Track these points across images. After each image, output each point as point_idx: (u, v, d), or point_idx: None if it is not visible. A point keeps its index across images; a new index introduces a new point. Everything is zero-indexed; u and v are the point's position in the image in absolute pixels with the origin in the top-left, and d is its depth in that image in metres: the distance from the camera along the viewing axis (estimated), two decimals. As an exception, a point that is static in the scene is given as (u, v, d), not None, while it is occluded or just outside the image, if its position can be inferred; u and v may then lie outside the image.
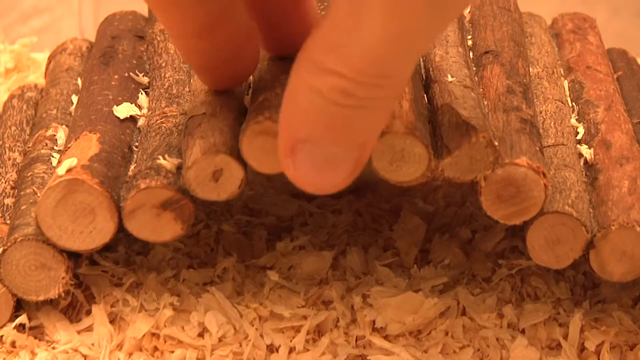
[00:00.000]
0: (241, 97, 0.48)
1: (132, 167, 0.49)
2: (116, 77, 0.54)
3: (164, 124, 0.49)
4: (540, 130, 0.50)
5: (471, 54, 0.54)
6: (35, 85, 0.60)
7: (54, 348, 0.49)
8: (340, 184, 0.41)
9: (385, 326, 0.50)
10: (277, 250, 0.55)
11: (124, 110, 0.52)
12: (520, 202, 0.46)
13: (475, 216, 0.57)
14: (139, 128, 0.51)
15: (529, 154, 0.46)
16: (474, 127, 0.45)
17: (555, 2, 0.62)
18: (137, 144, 0.50)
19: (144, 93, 0.53)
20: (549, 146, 0.50)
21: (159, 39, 0.56)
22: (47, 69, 0.60)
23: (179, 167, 0.47)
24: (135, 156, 0.50)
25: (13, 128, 0.56)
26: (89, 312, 0.51)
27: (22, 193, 0.50)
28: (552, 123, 0.52)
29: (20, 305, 0.51)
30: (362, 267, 0.54)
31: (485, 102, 0.49)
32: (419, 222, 0.56)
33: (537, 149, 0.47)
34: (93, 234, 0.47)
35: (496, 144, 0.45)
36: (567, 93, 0.55)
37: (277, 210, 0.58)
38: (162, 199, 0.46)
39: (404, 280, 0.53)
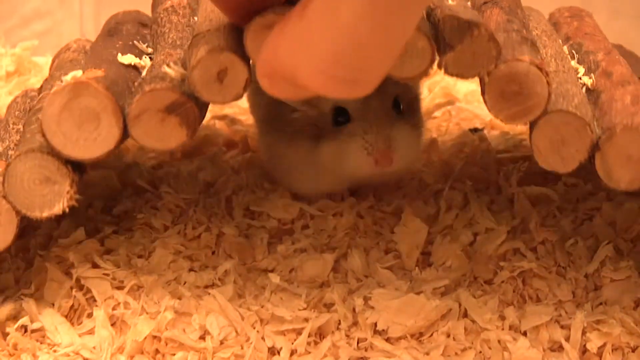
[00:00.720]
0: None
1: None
2: (120, 42, 0.53)
3: (168, 59, 0.49)
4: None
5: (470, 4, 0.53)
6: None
7: (55, 351, 0.49)
8: None
9: (387, 328, 0.50)
10: (278, 253, 0.55)
11: (127, 58, 0.51)
12: (524, 100, 0.46)
13: (477, 219, 0.57)
14: (143, 78, 0.51)
15: (531, 55, 0.46)
16: (476, 22, 0.45)
17: (554, 3, 0.62)
18: None
19: (147, 57, 0.53)
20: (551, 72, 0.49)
21: (162, 16, 0.55)
22: (51, 68, 0.60)
23: (184, 78, 0.46)
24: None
25: (17, 112, 0.56)
26: (90, 315, 0.51)
27: (27, 129, 0.50)
28: (553, 60, 0.51)
29: (21, 308, 0.51)
30: (364, 270, 0.54)
31: None
32: (420, 224, 0.56)
33: (539, 57, 0.47)
34: (98, 140, 0.47)
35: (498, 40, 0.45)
36: (567, 53, 0.55)
37: (278, 213, 0.58)
38: (167, 103, 0.46)
39: (405, 282, 0.53)
